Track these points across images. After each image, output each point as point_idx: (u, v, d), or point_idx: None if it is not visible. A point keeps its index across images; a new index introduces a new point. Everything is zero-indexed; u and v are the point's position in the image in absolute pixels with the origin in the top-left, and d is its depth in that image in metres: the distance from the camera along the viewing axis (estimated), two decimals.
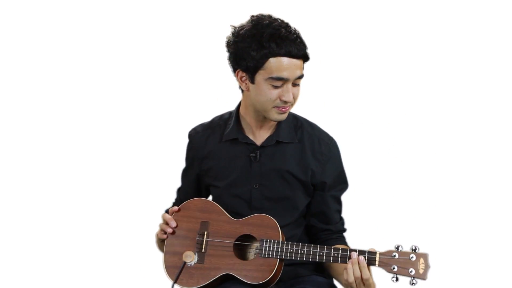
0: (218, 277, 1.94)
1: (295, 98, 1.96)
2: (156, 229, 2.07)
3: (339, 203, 2.11)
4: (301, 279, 2.05)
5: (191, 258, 1.93)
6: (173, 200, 2.26)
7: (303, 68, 1.95)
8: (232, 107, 2.13)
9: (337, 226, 2.11)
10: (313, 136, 2.07)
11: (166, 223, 2.01)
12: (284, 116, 1.97)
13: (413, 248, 1.83)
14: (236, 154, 2.05)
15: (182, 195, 2.20)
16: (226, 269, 1.93)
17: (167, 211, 2.13)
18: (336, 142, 2.11)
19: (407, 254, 1.83)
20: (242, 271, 1.92)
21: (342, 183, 2.11)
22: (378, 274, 1.88)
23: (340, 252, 1.86)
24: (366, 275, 1.82)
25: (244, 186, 2.03)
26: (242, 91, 2.03)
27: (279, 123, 2.04)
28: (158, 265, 2.00)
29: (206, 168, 2.09)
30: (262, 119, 2.02)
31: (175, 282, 1.94)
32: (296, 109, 2.11)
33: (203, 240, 1.96)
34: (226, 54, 1.99)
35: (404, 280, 1.84)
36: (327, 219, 2.08)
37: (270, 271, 1.91)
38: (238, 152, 2.05)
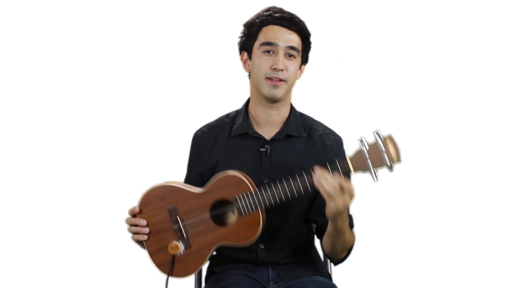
0: (211, 253, 1.91)
1: (289, 74, 1.97)
2: None
3: None
4: (302, 279, 2.05)
5: (177, 248, 1.88)
6: None
7: (300, 45, 1.99)
8: (234, 108, 2.14)
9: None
10: (321, 132, 2.10)
11: (134, 225, 1.94)
12: (276, 92, 1.97)
13: (376, 133, 1.77)
14: (245, 148, 2.05)
15: None
16: (215, 243, 1.89)
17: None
18: (342, 139, 2.13)
19: (374, 145, 1.76)
20: (232, 237, 1.88)
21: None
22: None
23: (311, 173, 1.81)
24: (347, 184, 1.77)
25: (254, 181, 1.99)
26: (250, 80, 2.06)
27: (288, 118, 2.06)
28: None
29: (213, 164, 2.07)
30: (266, 109, 2.03)
31: (169, 275, 1.90)
32: (300, 109, 2.13)
33: (179, 226, 1.90)
34: (235, 54, 2.08)
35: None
36: None
37: (257, 224, 1.86)
38: (248, 147, 2.05)
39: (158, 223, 1.91)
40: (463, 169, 3.37)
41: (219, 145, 2.09)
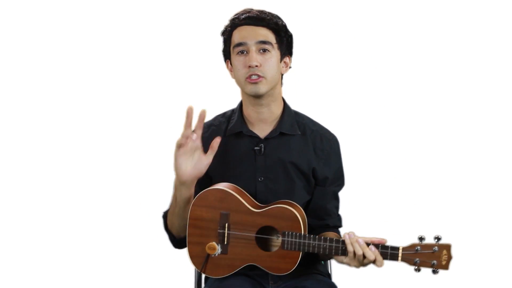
0: (241, 268, 1.96)
1: (265, 68, 1.97)
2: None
3: (337, 199, 2.14)
4: (301, 278, 2.05)
5: (214, 250, 1.93)
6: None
7: (274, 38, 1.99)
8: (231, 106, 2.15)
9: (333, 221, 2.13)
10: (315, 132, 2.10)
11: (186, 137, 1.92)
12: (257, 89, 1.98)
13: (436, 237, 1.84)
14: (240, 147, 2.06)
15: None
16: (250, 260, 1.95)
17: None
18: (337, 139, 2.13)
19: (430, 246, 1.84)
20: (266, 262, 1.94)
21: (340, 179, 2.13)
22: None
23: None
24: (380, 263, 1.84)
25: (249, 180, 2.04)
26: None
27: (281, 116, 2.07)
28: (156, 266, 1.98)
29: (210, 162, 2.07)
30: (256, 108, 2.04)
31: (201, 271, 1.97)
32: (296, 107, 2.14)
33: (224, 232, 1.95)
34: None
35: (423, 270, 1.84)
36: (325, 215, 2.09)
37: (293, 263, 1.92)
38: (243, 146, 2.06)
39: (207, 219, 1.97)
40: (463, 169, 3.37)
41: None
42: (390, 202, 3.30)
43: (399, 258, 1.85)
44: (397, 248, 1.85)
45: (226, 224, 1.95)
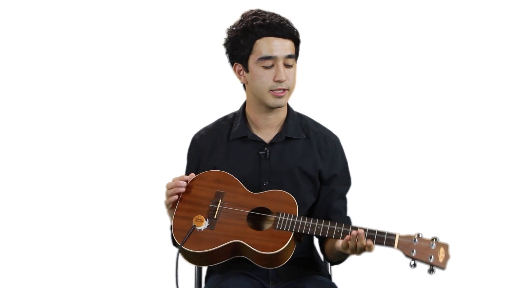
0: (226, 245, 1.89)
1: (290, 81, 1.97)
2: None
3: (344, 200, 2.12)
4: (301, 278, 2.05)
5: (201, 222, 1.89)
6: None
7: (294, 50, 1.99)
8: (233, 109, 2.15)
9: (342, 221, 2.10)
10: (318, 134, 2.10)
11: (174, 186, 1.95)
12: (281, 102, 1.98)
13: (434, 237, 1.81)
14: (244, 152, 2.06)
15: None
16: (235, 237, 1.88)
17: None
18: (340, 140, 2.13)
19: (428, 241, 1.81)
20: (253, 240, 1.87)
21: (346, 179, 2.13)
22: (395, 257, 1.87)
23: (357, 229, 1.84)
24: (370, 249, 1.83)
25: (254, 184, 2.02)
26: (245, 87, 2.06)
27: (286, 120, 2.07)
28: (156, 266, 1.96)
29: (212, 167, 2.07)
30: (266, 114, 2.04)
31: (182, 244, 1.88)
32: (296, 108, 2.14)
33: (216, 207, 1.93)
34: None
35: (421, 269, 1.82)
36: (332, 214, 2.07)
37: (282, 242, 1.86)
38: (247, 150, 2.06)
39: (201, 197, 1.95)
40: (462, 170, 3.37)
41: (218, 148, 2.09)
42: (391, 202, 3.30)
43: (396, 244, 1.81)
44: (393, 235, 1.82)
45: (220, 200, 1.94)
